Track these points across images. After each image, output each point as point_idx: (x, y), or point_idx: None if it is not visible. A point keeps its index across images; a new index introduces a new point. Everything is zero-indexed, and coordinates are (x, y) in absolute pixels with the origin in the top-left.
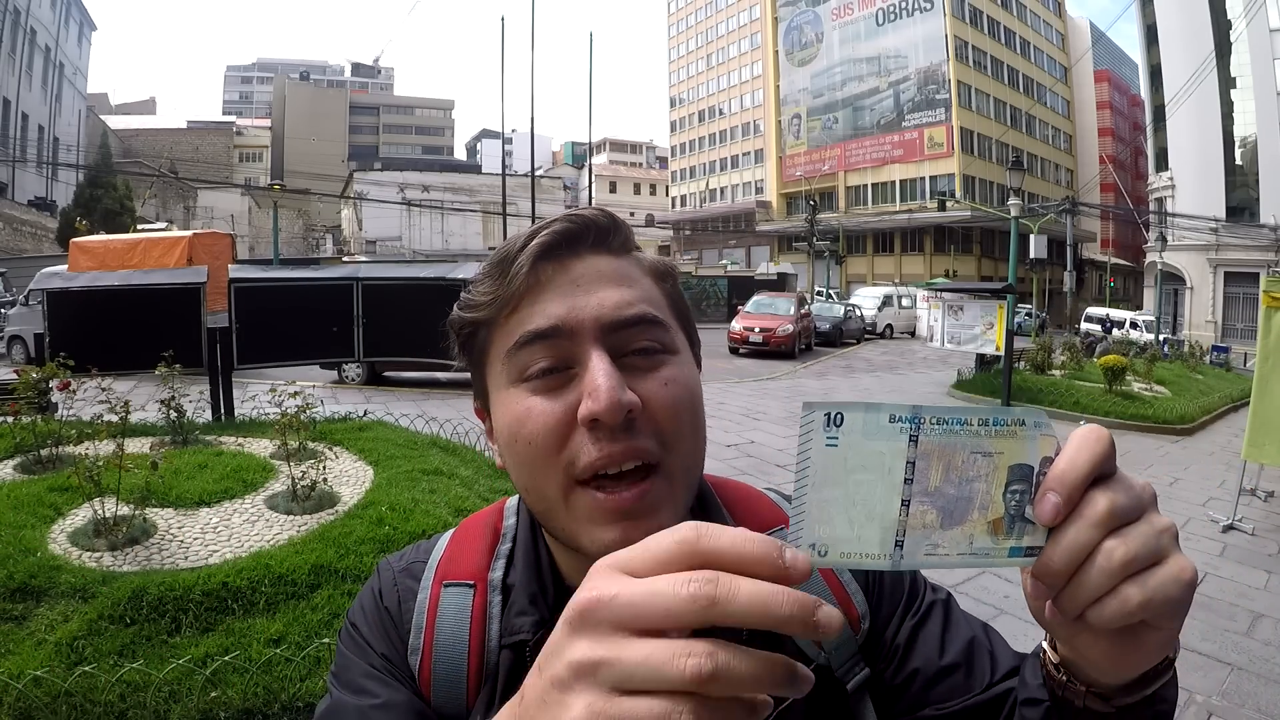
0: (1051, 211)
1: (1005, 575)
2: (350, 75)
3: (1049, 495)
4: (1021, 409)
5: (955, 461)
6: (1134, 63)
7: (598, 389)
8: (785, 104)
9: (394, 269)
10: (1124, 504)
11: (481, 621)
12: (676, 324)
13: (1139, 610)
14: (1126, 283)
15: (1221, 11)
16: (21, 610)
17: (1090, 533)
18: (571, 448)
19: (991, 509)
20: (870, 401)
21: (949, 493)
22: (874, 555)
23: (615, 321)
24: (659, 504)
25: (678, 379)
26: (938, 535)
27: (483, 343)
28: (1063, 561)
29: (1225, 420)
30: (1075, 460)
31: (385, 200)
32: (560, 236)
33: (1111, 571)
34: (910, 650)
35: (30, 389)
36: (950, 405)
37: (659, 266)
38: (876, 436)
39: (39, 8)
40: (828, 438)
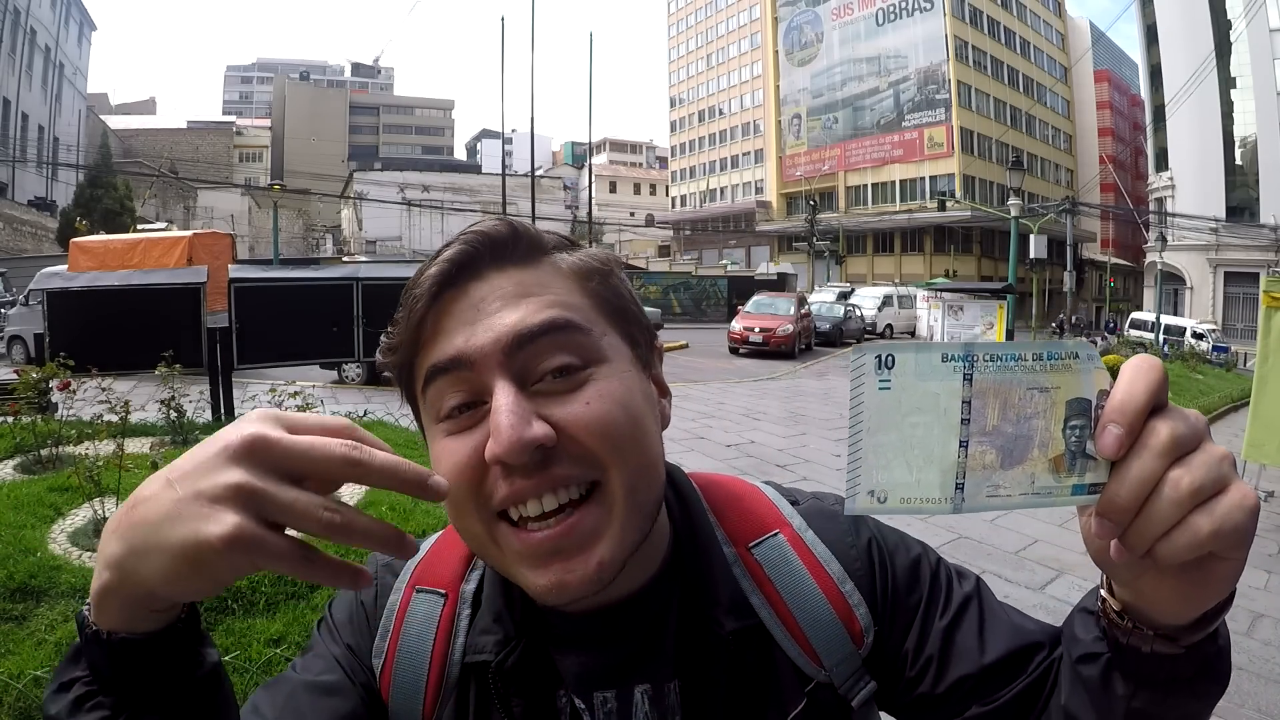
0: (1051, 211)
1: (1004, 575)
2: (350, 75)
3: (1110, 427)
4: (1072, 342)
5: (1012, 399)
6: (1134, 63)
7: (498, 428)
8: (785, 104)
9: (394, 269)
10: (1184, 432)
11: (447, 634)
12: (608, 325)
13: (1210, 540)
14: (1126, 283)
15: (1221, 11)
16: (21, 610)
17: (1155, 463)
18: (486, 487)
19: (1052, 446)
20: (921, 342)
21: (1007, 431)
22: (935, 499)
23: (518, 337)
24: (594, 534)
25: (604, 394)
26: (998, 476)
27: (407, 380)
28: (1130, 494)
29: (1225, 420)
30: (1133, 389)
31: (385, 200)
32: (454, 265)
33: (1180, 501)
34: (949, 658)
35: (30, 389)
36: (1000, 342)
37: (583, 267)
38: (930, 377)
39: (39, 8)
40: (880, 381)
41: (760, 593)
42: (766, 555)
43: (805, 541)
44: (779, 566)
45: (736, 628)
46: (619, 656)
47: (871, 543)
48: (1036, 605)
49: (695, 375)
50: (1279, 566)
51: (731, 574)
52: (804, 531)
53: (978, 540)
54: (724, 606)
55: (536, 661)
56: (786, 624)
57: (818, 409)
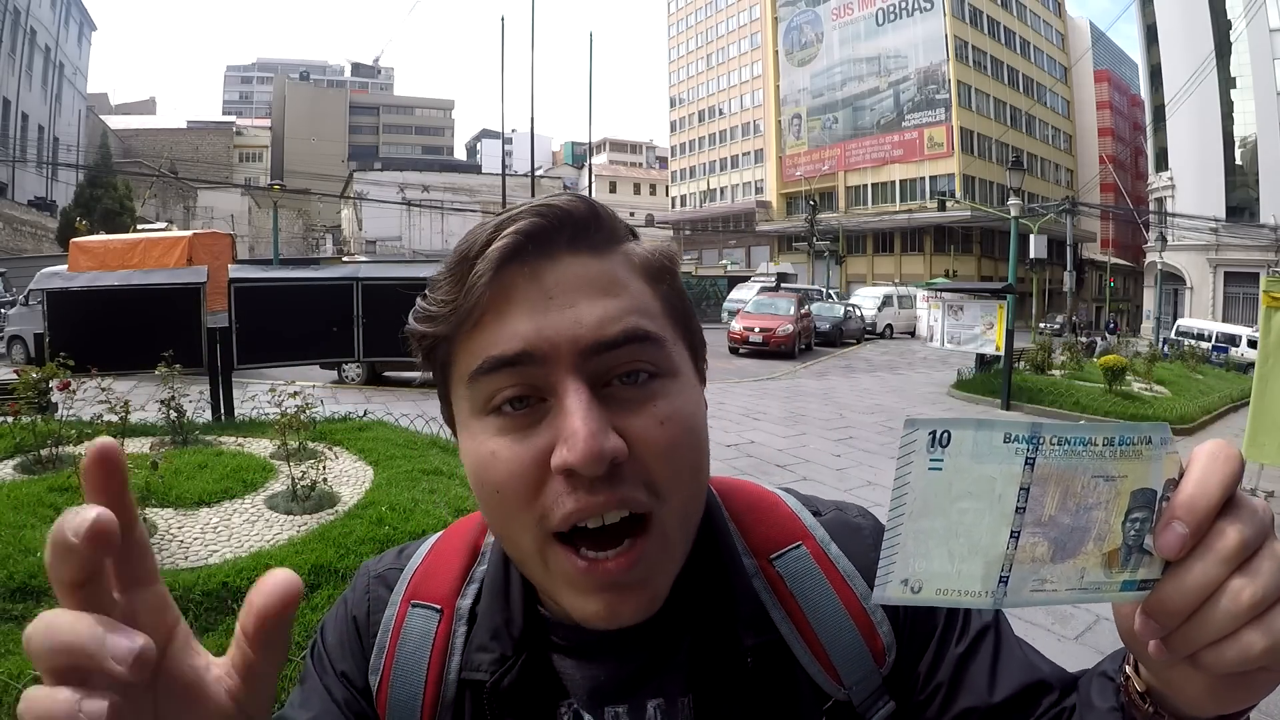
0: (1051, 211)
1: None
2: (350, 75)
3: (1174, 525)
4: (1148, 425)
5: (1074, 487)
6: (1134, 63)
7: (574, 435)
8: (785, 104)
9: (394, 269)
10: (1251, 535)
11: (443, 652)
12: (675, 333)
13: (1262, 657)
14: (1126, 283)
15: (1221, 11)
16: (21, 610)
17: (1218, 569)
18: (545, 498)
19: (1109, 540)
20: (983, 418)
21: (1064, 522)
22: (975, 592)
23: (597, 344)
24: (652, 573)
25: (676, 415)
26: (1046, 570)
27: (444, 357)
28: (1186, 601)
29: (1225, 420)
30: (1205, 485)
31: (385, 200)
32: (528, 237)
33: (1237, 615)
34: (958, 688)
35: (30, 389)
36: (1068, 423)
37: (653, 263)
38: (988, 459)
39: (39, 8)
40: (931, 460)
41: (781, 607)
42: (789, 568)
43: (829, 555)
44: (801, 580)
45: (756, 643)
46: (631, 669)
47: None
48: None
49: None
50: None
51: (752, 587)
52: (828, 545)
53: None
54: (744, 620)
55: (537, 677)
56: (807, 640)
57: (818, 409)
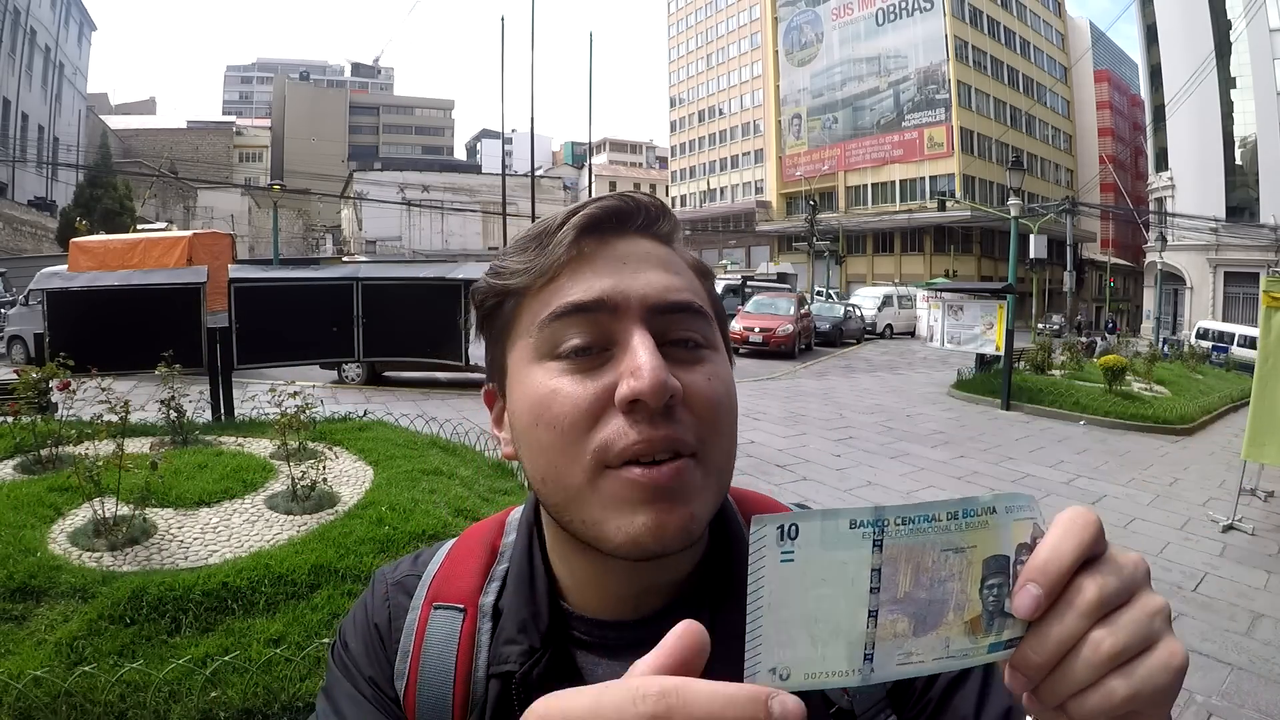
0: (1051, 211)
1: None
2: (350, 75)
3: (1029, 587)
4: (991, 496)
5: (925, 563)
6: (1134, 63)
7: (640, 368)
8: (785, 104)
9: (394, 269)
10: (1114, 589)
11: (469, 649)
12: (714, 321)
13: (1125, 704)
14: (1126, 283)
15: (1221, 11)
16: (21, 610)
17: (1076, 623)
18: (604, 432)
19: (968, 608)
20: (826, 509)
21: (920, 597)
22: (842, 672)
23: (662, 304)
24: (694, 489)
25: (719, 376)
26: (910, 643)
27: (509, 314)
28: (1046, 655)
29: (1225, 420)
30: (1059, 548)
31: (385, 200)
32: (609, 212)
33: (1097, 665)
34: (945, 708)
35: (30, 389)
36: (911, 504)
37: (701, 265)
38: (837, 546)
39: (39, 8)
40: (783, 553)
41: None
42: None
43: None
44: None
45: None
46: None
47: None
48: None
49: None
50: (1278, 566)
51: None
52: None
53: None
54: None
55: (563, 671)
56: None
57: (818, 409)
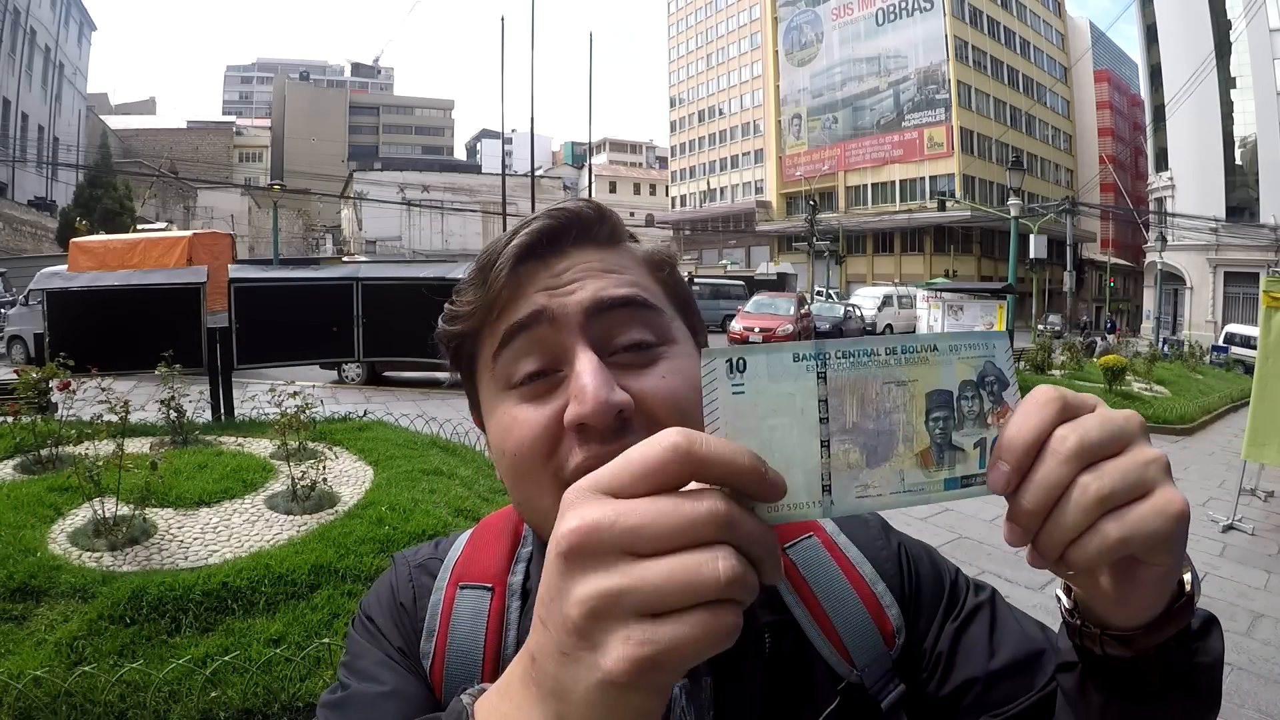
0: (1051, 211)
1: (1004, 575)
2: (350, 75)
3: (999, 464)
4: (934, 335)
5: (869, 394)
6: (1134, 63)
7: (582, 390)
8: (785, 104)
9: (394, 269)
10: (1096, 438)
11: (499, 627)
12: (675, 311)
13: (1119, 546)
14: (1126, 283)
15: (1221, 11)
16: (21, 610)
17: (1061, 469)
18: (561, 454)
19: (916, 440)
20: (773, 345)
21: (868, 428)
22: (802, 503)
23: (600, 302)
24: None
25: (678, 371)
26: (866, 475)
27: (470, 352)
28: (1034, 502)
29: (1225, 420)
30: (1022, 425)
31: (385, 200)
32: (541, 235)
33: (1086, 507)
34: (954, 659)
35: (30, 389)
36: (851, 339)
37: (654, 256)
38: (783, 378)
39: (39, 8)
40: (734, 385)
41: (794, 591)
42: (801, 556)
43: (838, 545)
44: (813, 567)
45: (771, 620)
46: None
47: (900, 547)
48: (1037, 605)
49: None
50: (1279, 566)
51: None
52: (837, 535)
53: (978, 540)
54: (759, 601)
55: None
56: (820, 623)
57: None
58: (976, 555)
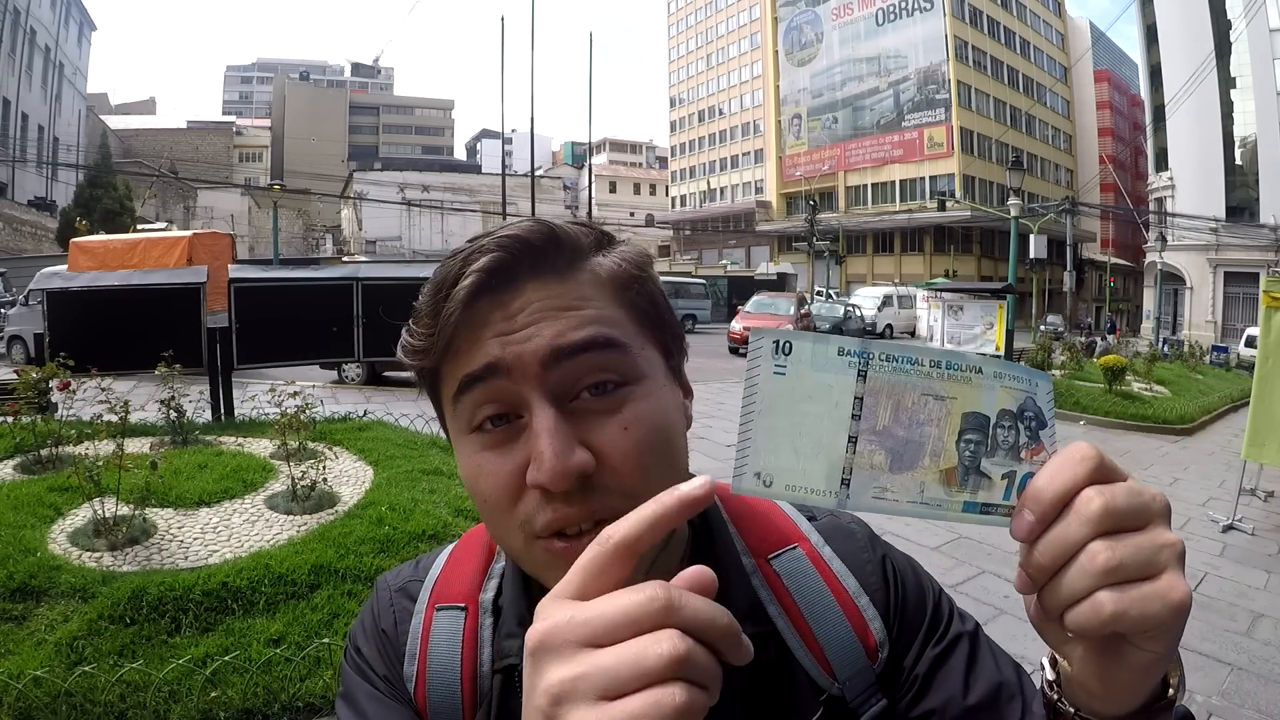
0: (1051, 211)
1: (1004, 575)
2: (350, 75)
3: (1024, 512)
4: (980, 357)
5: (905, 402)
6: (1134, 63)
7: (540, 455)
8: (785, 104)
9: (394, 269)
10: (1122, 508)
11: (473, 646)
12: (645, 338)
13: (1110, 620)
14: (1126, 283)
15: (1221, 11)
16: (21, 610)
17: (1078, 530)
18: (525, 506)
19: (944, 457)
20: (820, 334)
21: (898, 434)
22: (820, 490)
23: (556, 351)
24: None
25: (640, 419)
26: (886, 478)
27: (432, 384)
28: (1045, 557)
29: (1225, 420)
30: (1055, 477)
31: (385, 200)
32: (489, 274)
33: (1092, 574)
34: (930, 685)
35: (30, 389)
36: (898, 343)
37: (620, 275)
38: (825, 369)
39: (39, 8)
40: (775, 366)
41: (778, 603)
42: (785, 567)
43: (823, 557)
44: (797, 579)
45: (754, 632)
46: None
47: (885, 560)
48: None
49: (695, 375)
50: (1278, 566)
51: (749, 583)
52: (821, 547)
53: (977, 540)
54: (741, 612)
55: None
56: (803, 635)
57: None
58: (976, 555)
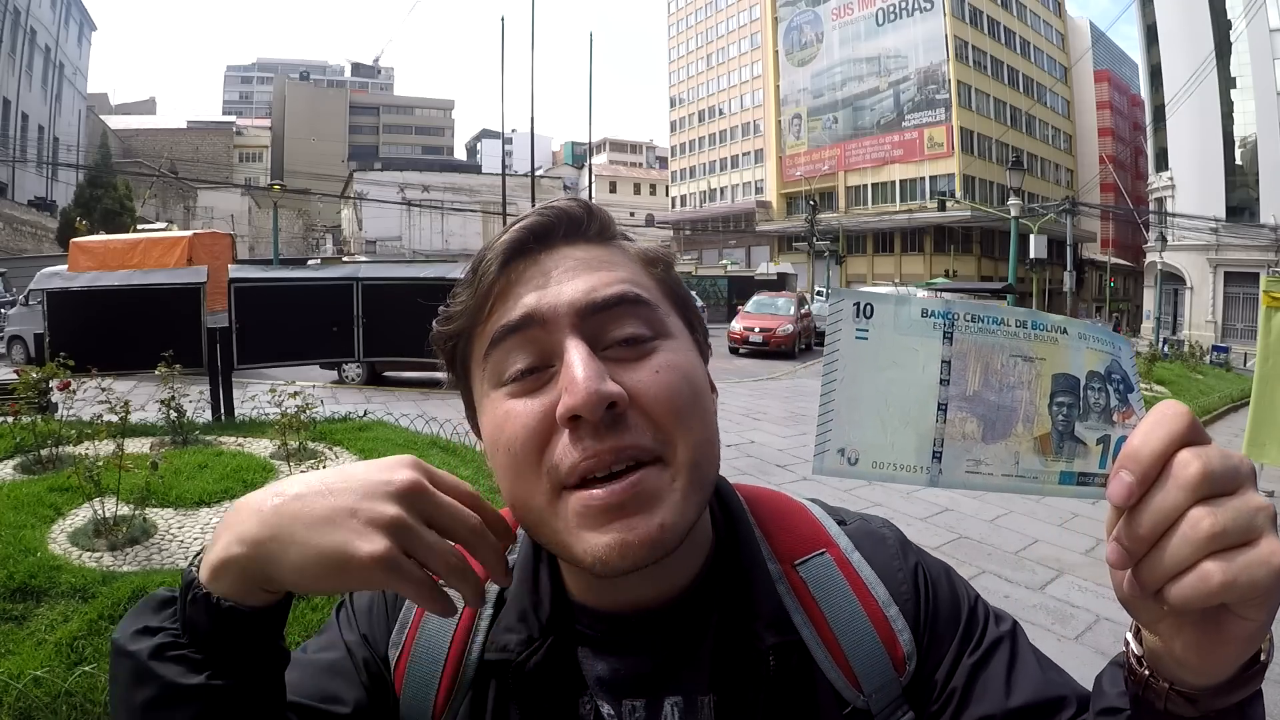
0: (1051, 211)
1: (1004, 575)
2: (350, 75)
3: (1121, 474)
4: (1063, 318)
5: (994, 364)
6: (1134, 63)
7: (573, 381)
8: (785, 104)
9: (394, 269)
10: (1218, 471)
11: (466, 632)
12: (671, 307)
13: (1220, 590)
14: (1126, 283)
15: (1221, 11)
16: (21, 610)
17: (1178, 496)
18: (554, 451)
19: (1038, 422)
20: (903, 293)
21: (989, 399)
22: (910, 466)
23: (592, 304)
24: (656, 494)
25: (673, 364)
26: (980, 449)
27: (463, 353)
28: (1147, 525)
29: (1225, 420)
30: (1151, 435)
31: (385, 200)
32: (529, 232)
33: (1196, 543)
34: (970, 694)
35: (30, 389)
36: (982, 303)
37: (649, 253)
38: (909, 331)
39: (39, 8)
40: (858, 330)
41: (803, 611)
42: (812, 574)
43: (852, 563)
44: (824, 586)
45: (776, 642)
46: (651, 664)
47: (918, 568)
48: (1036, 605)
49: None
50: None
51: (775, 589)
52: (851, 553)
53: (978, 540)
54: (765, 620)
55: (561, 664)
56: (828, 645)
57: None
58: (976, 555)
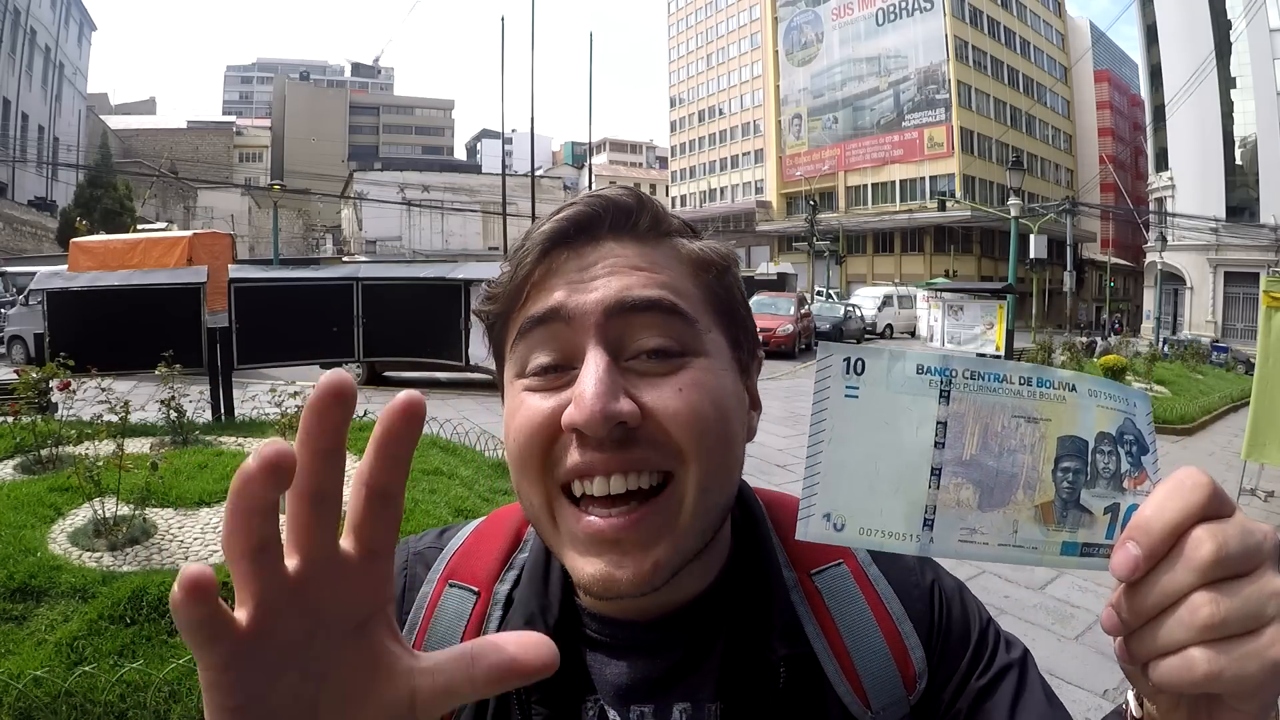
0: (1051, 211)
1: (1006, 575)
2: (350, 75)
3: (1128, 545)
4: (1073, 374)
5: (994, 426)
6: (1134, 63)
7: (582, 396)
8: (785, 104)
9: (394, 269)
10: (1234, 554)
11: (476, 632)
12: (714, 320)
13: (1204, 680)
14: (1126, 283)
15: (1221, 11)
16: (21, 610)
17: (1185, 578)
18: (557, 451)
19: (1039, 490)
20: (896, 349)
21: (988, 465)
22: (899, 534)
23: (621, 303)
24: (657, 534)
25: (699, 384)
26: (975, 518)
27: (499, 336)
28: (1146, 602)
29: (1225, 420)
30: (1164, 507)
31: (385, 200)
32: (573, 223)
33: (1189, 628)
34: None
35: (30, 389)
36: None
37: (702, 257)
38: (902, 389)
39: (39, 8)
40: (847, 387)
41: (816, 622)
42: (827, 584)
43: (869, 576)
44: (839, 597)
45: (788, 653)
46: (660, 670)
47: (934, 585)
48: (1036, 605)
49: None
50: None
51: (789, 598)
52: (868, 565)
53: None
54: (777, 630)
55: (567, 668)
56: (839, 658)
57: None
58: None
